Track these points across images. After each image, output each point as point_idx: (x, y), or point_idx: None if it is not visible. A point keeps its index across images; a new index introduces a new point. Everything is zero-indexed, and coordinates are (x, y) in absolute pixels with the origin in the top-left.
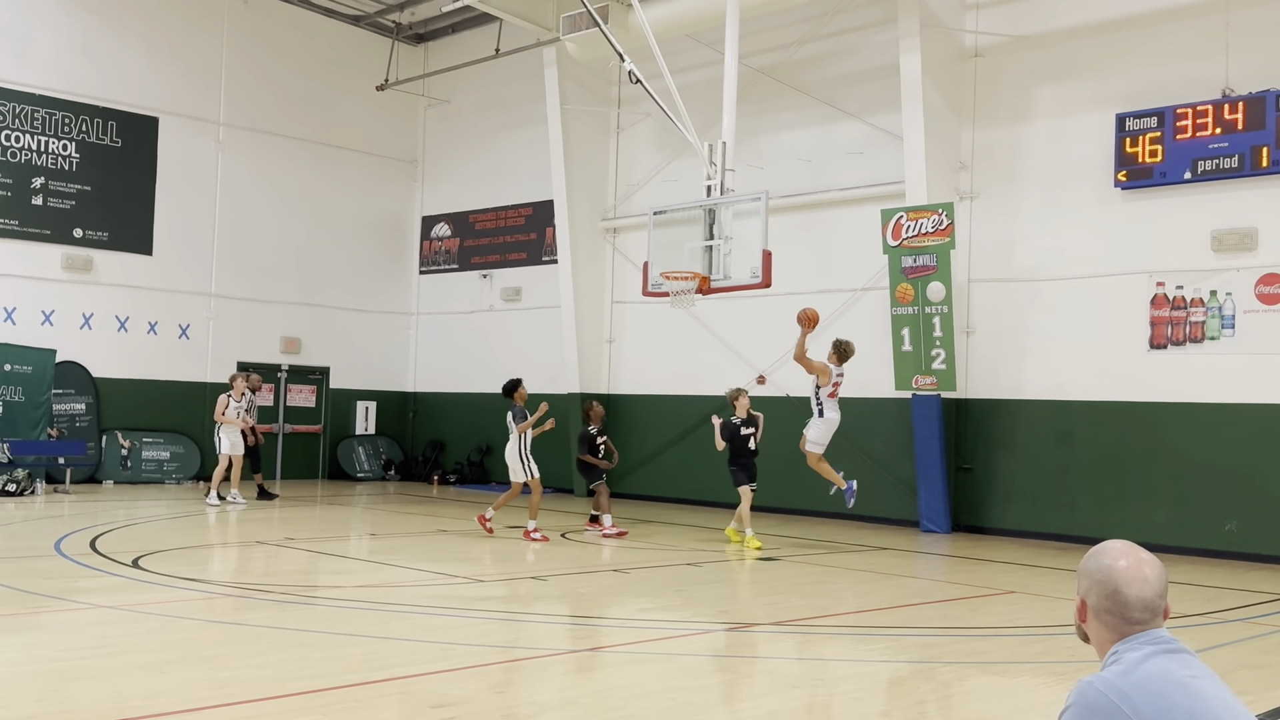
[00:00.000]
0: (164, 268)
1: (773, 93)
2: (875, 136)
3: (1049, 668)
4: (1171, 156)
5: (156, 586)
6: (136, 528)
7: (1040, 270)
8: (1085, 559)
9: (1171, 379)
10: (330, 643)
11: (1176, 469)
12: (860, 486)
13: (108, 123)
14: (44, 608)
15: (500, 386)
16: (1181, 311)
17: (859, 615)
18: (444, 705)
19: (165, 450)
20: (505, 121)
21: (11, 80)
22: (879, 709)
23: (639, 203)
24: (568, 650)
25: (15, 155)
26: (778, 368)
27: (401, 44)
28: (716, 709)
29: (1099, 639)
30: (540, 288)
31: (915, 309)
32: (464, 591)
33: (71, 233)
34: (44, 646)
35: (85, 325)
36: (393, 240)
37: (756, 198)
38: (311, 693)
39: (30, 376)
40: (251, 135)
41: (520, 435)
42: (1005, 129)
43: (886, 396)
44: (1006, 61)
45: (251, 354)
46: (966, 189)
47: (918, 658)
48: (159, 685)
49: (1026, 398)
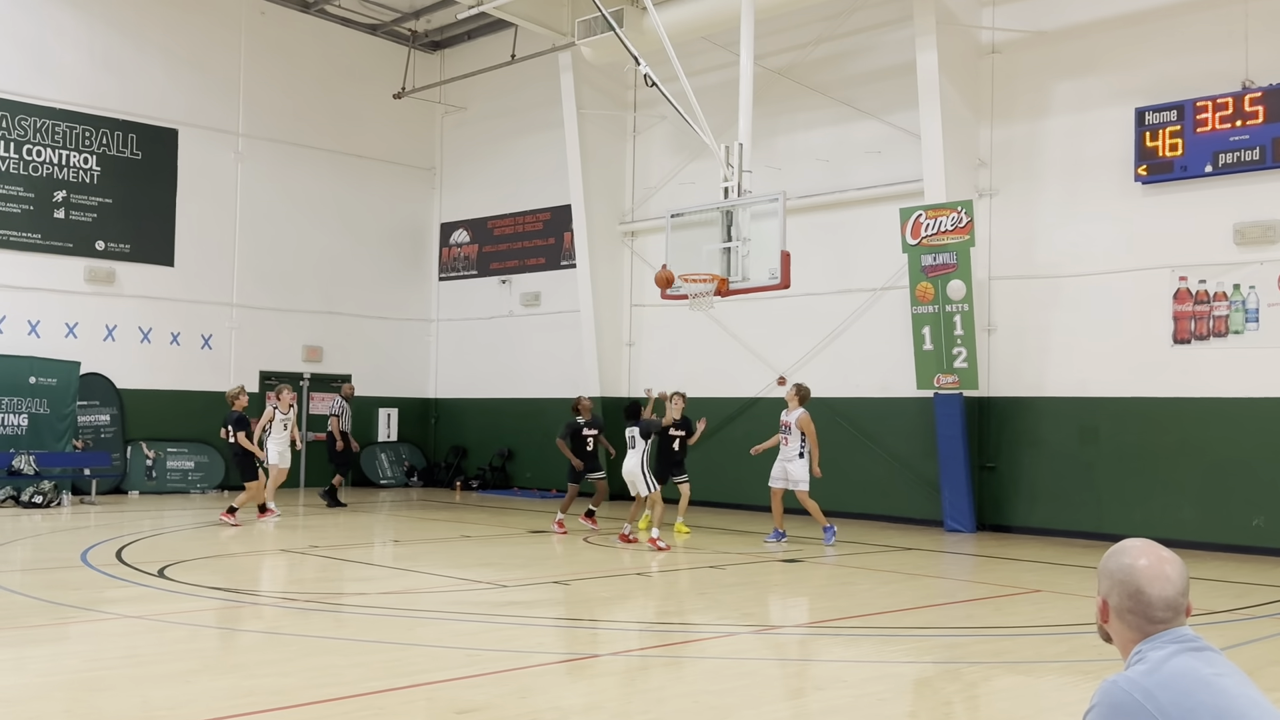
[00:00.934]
0: (186, 279)
1: (789, 93)
2: (893, 135)
3: (1075, 667)
4: (1192, 150)
5: (182, 596)
6: (162, 538)
7: (1061, 266)
8: (1105, 558)
9: (1195, 374)
10: (355, 650)
11: (1202, 464)
12: (883, 487)
13: (128, 135)
14: (71, 618)
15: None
16: (1204, 306)
17: (884, 616)
18: (469, 711)
19: (190, 460)
20: (522, 127)
21: (33, 95)
22: (905, 710)
23: (656, 206)
24: (591, 655)
25: (37, 169)
26: (797, 369)
27: (418, 52)
28: (742, 712)
29: (1121, 639)
30: (559, 292)
31: (936, 308)
32: (488, 597)
33: (94, 245)
34: (72, 657)
35: (109, 337)
36: (412, 247)
37: (774, 199)
38: (337, 700)
39: (55, 389)
40: (270, 145)
41: (643, 451)
42: (1024, 125)
43: (908, 396)
44: (1024, 57)
45: (274, 363)
46: (986, 186)
47: (943, 658)
48: (186, 694)
49: (1049, 395)
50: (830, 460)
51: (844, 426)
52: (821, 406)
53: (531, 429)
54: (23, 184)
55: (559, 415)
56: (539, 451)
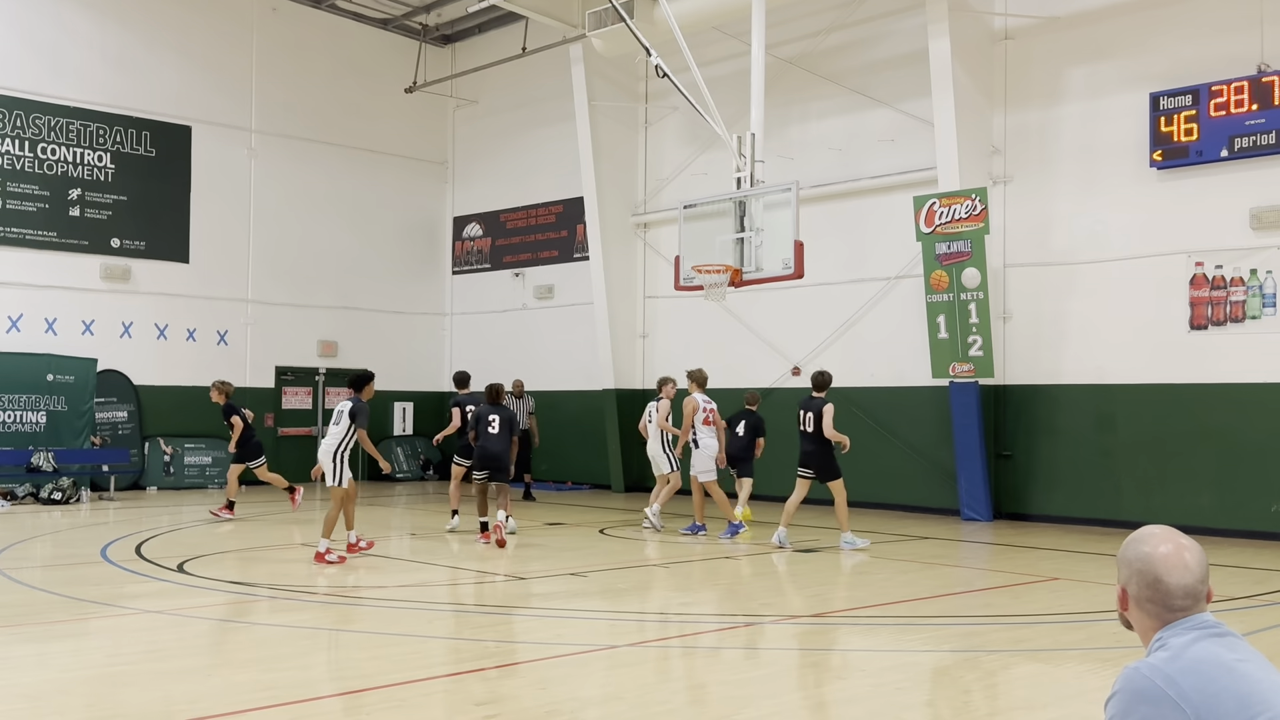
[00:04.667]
0: (201, 275)
1: (801, 82)
2: (906, 123)
3: (1094, 654)
4: (1207, 134)
5: (202, 590)
6: (181, 533)
7: (1077, 253)
8: (1124, 547)
9: (1213, 360)
10: (374, 643)
11: (1220, 451)
12: (899, 476)
13: (142, 133)
14: (92, 614)
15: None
16: (1221, 291)
17: (902, 605)
18: (488, 703)
19: (207, 455)
20: (534, 120)
21: (46, 93)
22: (923, 698)
23: (669, 197)
24: (609, 646)
25: (52, 168)
26: (812, 358)
27: (429, 46)
28: (761, 701)
29: (1142, 626)
30: (572, 285)
31: (950, 296)
32: (505, 589)
33: (109, 243)
34: (93, 652)
35: (125, 334)
36: (425, 241)
37: (787, 188)
38: (357, 693)
39: (73, 386)
40: (283, 141)
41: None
42: (1037, 112)
43: (924, 385)
44: (1037, 43)
45: (289, 358)
46: (1000, 173)
47: (961, 646)
48: (206, 688)
49: (1066, 382)
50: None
51: (859, 416)
52: (837, 396)
53: (546, 421)
54: (38, 182)
55: (574, 408)
56: (554, 444)
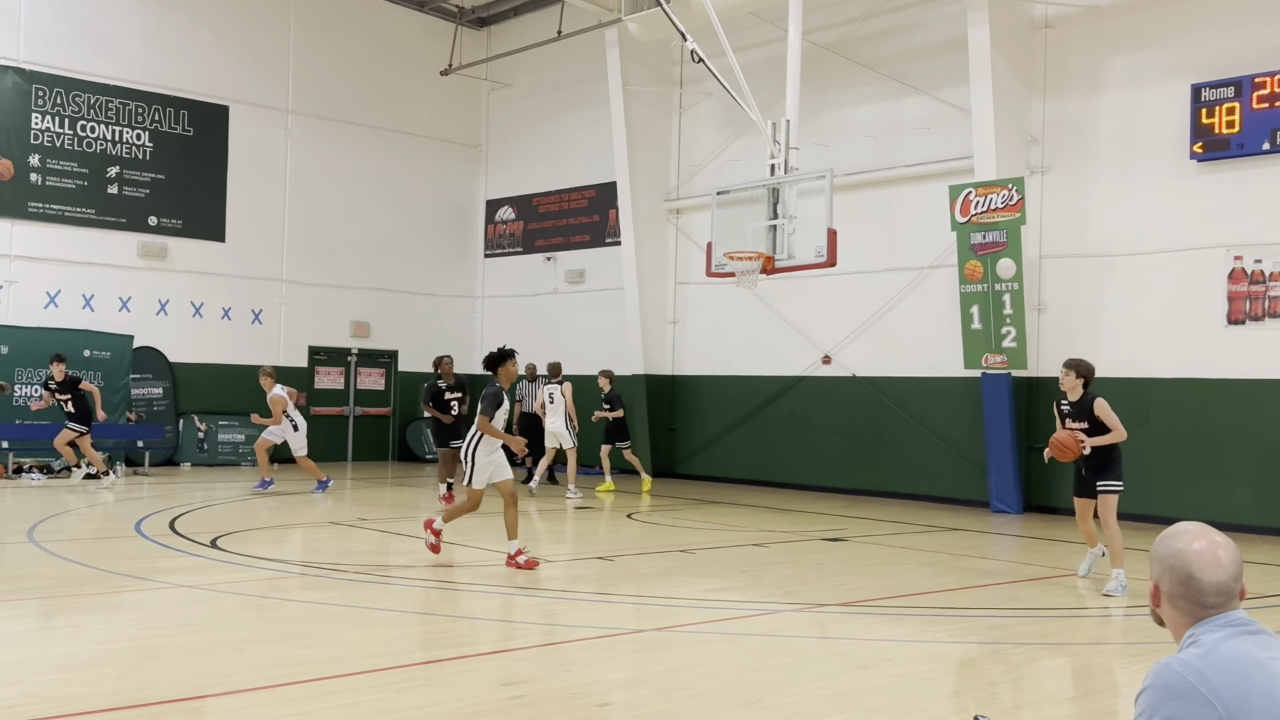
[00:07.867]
0: (236, 254)
1: (837, 69)
2: (943, 111)
3: (1124, 649)
4: (1250, 127)
5: (234, 566)
6: (214, 509)
7: (1113, 245)
8: (1157, 543)
9: (1250, 355)
10: (403, 621)
11: (1255, 447)
12: (929, 467)
13: (180, 112)
14: (126, 587)
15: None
16: (1260, 286)
17: (929, 596)
18: (514, 683)
19: (241, 433)
20: (567, 104)
21: (86, 71)
22: (949, 690)
23: (702, 183)
24: (634, 630)
25: (91, 145)
26: (843, 347)
27: (465, 28)
28: (785, 689)
29: (1174, 623)
30: (604, 270)
31: (985, 286)
32: (533, 571)
33: (146, 220)
34: (126, 625)
35: (161, 311)
36: (458, 224)
37: (821, 176)
38: (386, 670)
39: (109, 362)
40: (319, 122)
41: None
42: (1076, 101)
43: (956, 376)
44: (1077, 32)
45: (322, 338)
46: (1037, 163)
47: (989, 639)
48: (238, 663)
49: (1100, 376)
50: (876, 439)
51: (890, 406)
52: (867, 386)
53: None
54: (77, 160)
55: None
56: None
